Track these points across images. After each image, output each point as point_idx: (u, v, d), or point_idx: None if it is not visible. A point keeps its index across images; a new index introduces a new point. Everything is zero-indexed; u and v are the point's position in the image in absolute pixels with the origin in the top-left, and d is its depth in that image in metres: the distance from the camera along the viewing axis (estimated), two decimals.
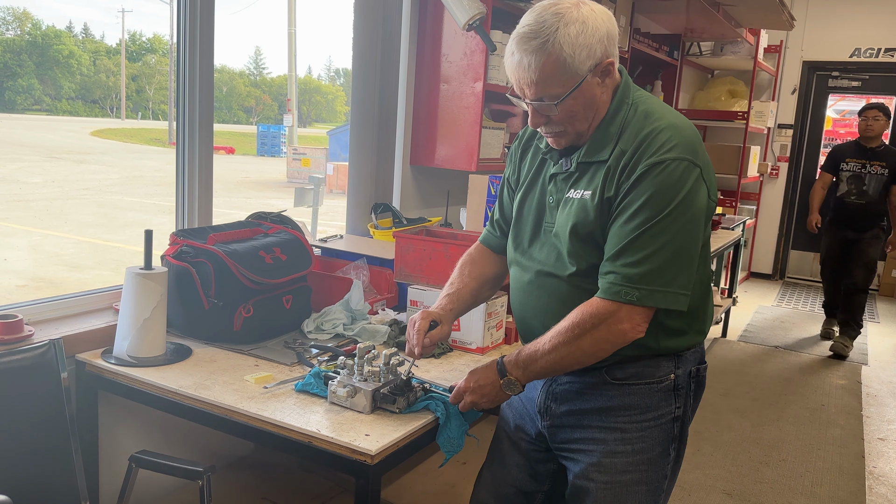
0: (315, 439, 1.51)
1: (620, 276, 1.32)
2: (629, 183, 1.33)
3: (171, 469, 1.69)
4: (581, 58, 1.30)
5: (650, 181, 1.31)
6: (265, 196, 14.42)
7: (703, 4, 4.42)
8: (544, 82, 1.32)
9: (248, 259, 2.04)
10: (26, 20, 40.63)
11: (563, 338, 1.36)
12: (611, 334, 1.34)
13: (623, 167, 1.35)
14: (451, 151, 3.08)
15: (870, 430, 3.82)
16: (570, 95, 1.33)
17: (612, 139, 1.38)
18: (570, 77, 1.32)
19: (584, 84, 1.33)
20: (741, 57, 6.38)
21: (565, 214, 1.42)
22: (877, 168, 5.10)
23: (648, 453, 1.47)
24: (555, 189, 1.47)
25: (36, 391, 1.64)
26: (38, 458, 1.61)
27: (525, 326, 1.57)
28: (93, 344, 1.94)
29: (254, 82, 52.80)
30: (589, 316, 1.34)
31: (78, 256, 8.22)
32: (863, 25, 6.94)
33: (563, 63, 1.30)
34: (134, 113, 42.05)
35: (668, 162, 1.31)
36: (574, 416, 1.51)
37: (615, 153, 1.37)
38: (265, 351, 1.99)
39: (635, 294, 1.31)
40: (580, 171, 1.42)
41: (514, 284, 1.57)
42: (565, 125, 1.39)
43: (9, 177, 14.20)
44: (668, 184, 1.31)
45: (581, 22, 1.30)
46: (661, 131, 1.34)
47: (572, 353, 1.36)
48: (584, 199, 1.39)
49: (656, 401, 1.46)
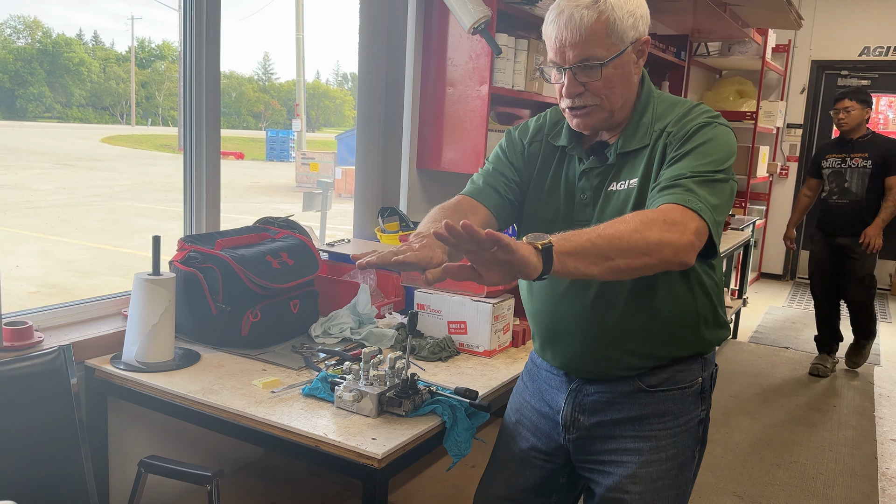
0: (322, 443, 1.52)
1: (688, 189, 1.26)
2: (684, 136, 1.33)
3: (179, 474, 1.69)
4: (628, 24, 1.32)
5: (704, 132, 1.33)
6: (274, 201, 14.47)
7: (710, 5, 4.41)
8: (591, 41, 1.30)
9: (256, 264, 2.05)
10: (37, 28, 40.99)
11: (628, 225, 1.19)
12: (677, 240, 1.19)
13: (671, 135, 1.35)
14: (457, 155, 3.08)
15: (882, 431, 3.79)
16: (612, 61, 1.32)
17: (647, 126, 1.39)
18: (616, 42, 1.32)
19: (625, 55, 1.33)
20: (749, 57, 6.35)
21: (612, 207, 1.38)
22: (857, 161, 4.43)
23: (679, 458, 1.46)
24: (588, 185, 1.42)
25: (46, 397, 1.65)
26: (48, 464, 1.62)
27: (554, 335, 1.49)
28: (102, 350, 1.95)
29: (262, 87, 53.04)
30: (666, 210, 1.23)
31: (89, 263, 8.27)
32: (871, 24, 6.90)
33: (612, 25, 1.30)
34: (144, 119, 42.33)
35: (716, 122, 1.35)
36: (605, 427, 1.46)
37: (658, 132, 1.37)
38: (273, 355, 2.00)
39: (709, 215, 1.24)
40: (619, 163, 1.40)
41: (545, 294, 1.48)
42: (602, 97, 1.35)
43: (20, 184, 14.31)
44: (721, 138, 1.34)
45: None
46: (697, 105, 1.40)
47: (630, 237, 1.16)
48: (631, 187, 1.37)
49: (686, 405, 1.46)
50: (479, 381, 1.87)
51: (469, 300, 2.09)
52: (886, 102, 7.52)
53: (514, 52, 3.07)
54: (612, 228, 1.18)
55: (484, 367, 1.99)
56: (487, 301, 2.07)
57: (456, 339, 2.11)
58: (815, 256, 4.70)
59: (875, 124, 7.60)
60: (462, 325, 2.11)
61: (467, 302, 2.09)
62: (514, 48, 3.07)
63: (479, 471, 1.73)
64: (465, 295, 2.11)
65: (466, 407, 1.65)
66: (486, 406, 1.65)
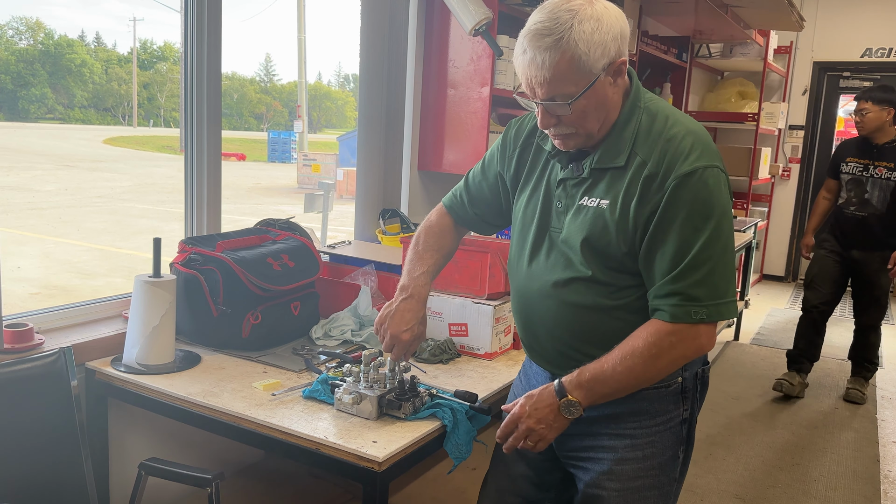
0: (322, 446, 1.51)
1: (685, 296, 1.30)
2: (663, 197, 1.29)
3: (180, 476, 1.69)
4: (595, 56, 1.27)
5: (687, 193, 1.28)
6: (276, 202, 14.48)
7: (711, 6, 4.41)
8: (558, 81, 1.28)
9: (256, 266, 2.05)
10: (39, 30, 41.07)
11: (638, 359, 1.32)
12: (689, 351, 1.34)
13: (650, 178, 1.31)
14: (458, 156, 3.08)
15: (884, 433, 3.78)
16: (583, 95, 1.29)
17: (626, 144, 1.35)
18: (584, 76, 1.28)
19: (598, 83, 1.30)
20: (751, 58, 6.35)
21: (578, 222, 1.39)
22: (882, 170, 3.89)
23: (659, 458, 1.46)
24: (564, 194, 1.42)
25: (46, 399, 1.65)
26: (49, 466, 1.62)
27: (530, 335, 1.53)
28: (102, 352, 1.95)
29: (264, 89, 53.10)
30: (666, 335, 1.31)
31: (90, 264, 8.27)
32: (873, 25, 6.89)
33: (577, 61, 1.26)
34: (146, 120, 42.38)
35: (700, 171, 1.29)
36: (582, 423, 1.47)
37: (636, 162, 1.33)
38: (273, 358, 2.00)
39: (704, 312, 1.30)
40: (594, 178, 1.38)
41: (520, 294, 1.52)
42: (576, 126, 1.34)
43: (22, 185, 14.33)
44: (706, 194, 1.29)
45: (596, 19, 1.26)
46: (683, 138, 1.32)
47: (647, 373, 1.35)
48: (600, 208, 1.36)
49: (665, 405, 1.45)
50: (480, 384, 1.87)
51: (470, 302, 2.09)
52: None
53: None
54: (629, 374, 1.33)
55: (485, 370, 1.99)
56: (489, 303, 2.06)
57: (457, 342, 2.10)
58: (823, 263, 4.15)
59: None
60: (463, 327, 2.10)
61: (468, 304, 2.09)
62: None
63: (481, 473, 1.73)
64: (466, 297, 2.11)
65: (467, 410, 1.65)
66: (486, 409, 1.65)
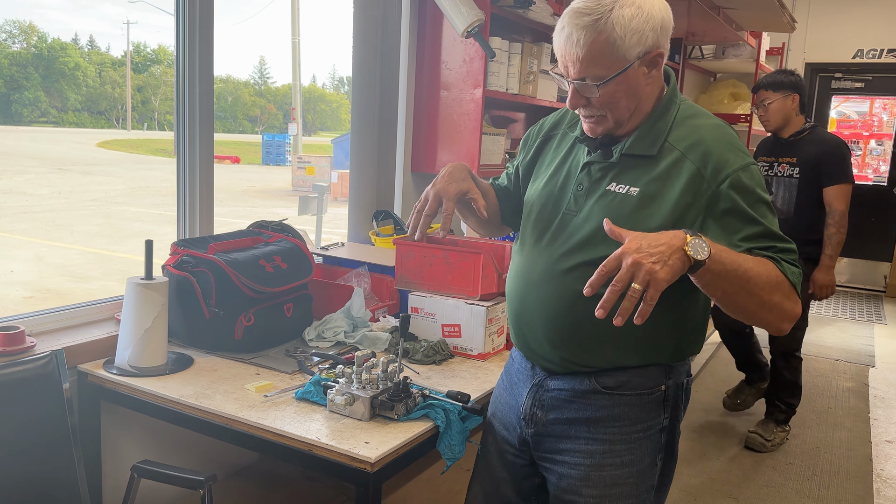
0: (315, 447, 1.52)
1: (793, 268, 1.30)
2: (714, 194, 1.31)
3: (172, 478, 1.69)
4: (631, 42, 1.28)
5: (739, 190, 1.31)
6: (270, 205, 14.47)
7: (704, 8, 4.42)
8: (590, 61, 1.29)
9: (249, 268, 2.05)
10: (32, 33, 40.97)
11: (763, 276, 1.25)
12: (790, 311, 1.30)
13: (697, 174, 1.32)
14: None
15: (877, 432, 3.79)
16: (613, 80, 1.30)
17: (660, 135, 1.37)
18: (617, 60, 1.29)
19: (630, 71, 1.31)
20: (743, 60, 6.37)
21: (603, 207, 1.37)
22: (784, 167, 3.46)
23: (637, 465, 1.45)
24: (587, 178, 1.42)
25: (38, 402, 1.65)
26: (41, 469, 1.62)
27: (521, 321, 1.50)
28: (95, 354, 1.94)
29: (259, 92, 53.02)
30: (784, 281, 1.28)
31: (84, 267, 8.25)
32: (865, 27, 6.93)
33: (612, 44, 1.28)
34: (139, 124, 42.28)
35: (744, 167, 1.32)
36: (561, 425, 1.47)
37: (674, 156, 1.34)
38: (266, 359, 2.00)
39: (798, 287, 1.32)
40: (623, 165, 1.38)
41: (520, 276, 1.50)
42: (605, 110, 1.35)
43: (15, 189, 14.29)
44: (753, 188, 1.32)
45: (637, 6, 1.28)
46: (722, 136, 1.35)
47: (761, 290, 1.25)
48: (630, 195, 1.36)
49: (646, 412, 1.44)
50: (473, 384, 1.87)
51: (463, 303, 2.09)
52: (881, 105, 7.54)
53: (507, 55, 3.08)
54: (760, 267, 1.25)
55: (478, 370, 1.99)
56: (482, 304, 2.07)
57: (450, 343, 2.11)
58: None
59: (869, 127, 7.63)
60: (456, 328, 2.11)
61: (461, 305, 2.09)
62: (508, 51, 3.07)
63: None
64: (459, 298, 2.11)
65: (459, 410, 1.65)
66: (478, 409, 1.65)
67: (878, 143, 7.62)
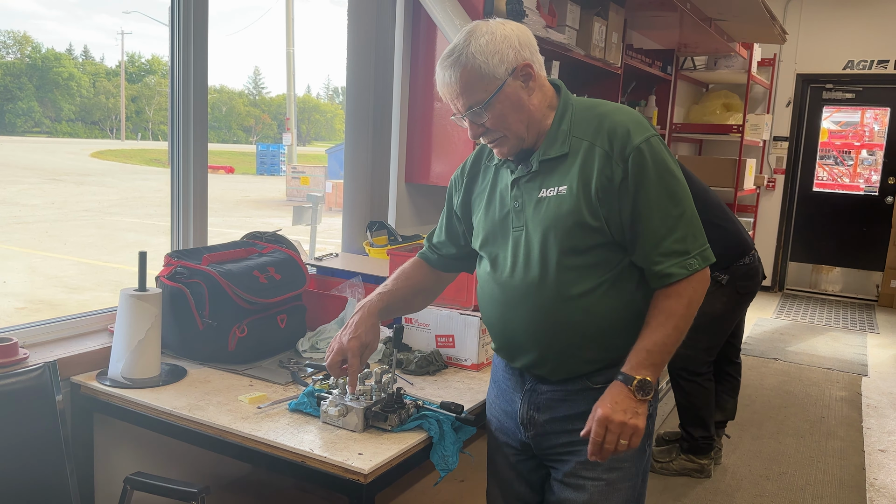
0: (308, 459, 1.51)
1: (679, 253, 1.42)
2: (627, 171, 1.40)
3: (166, 490, 1.69)
4: (494, 63, 1.41)
5: (644, 164, 1.40)
6: (265, 215, 14.45)
7: (695, 20, 4.46)
8: (468, 91, 1.42)
9: (243, 279, 2.05)
10: (26, 43, 40.90)
11: (681, 319, 1.44)
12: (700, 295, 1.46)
13: (606, 155, 1.42)
14: (445, 168, 3.09)
15: (870, 441, 3.80)
16: (494, 99, 1.42)
17: (566, 134, 1.47)
18: (490, 82, 1.41)
19: (506, 87, 1.42)
20: (735, 71, 6.42)
21: (542, 213, 1.46)
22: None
23: (631, 450, 1.50)
24: (519, 193, 1.51)
25: (31, 414, 1.64)
26: (34, 481, 1.61)
27: (507, 338, 1.57)
28: (88, 366, 1.94)
29: (253, 102, 53.00)
30: (695, 287, 1.44)
31: (77, 278, 8.22)
32: (855, 38, 6.99)
33: (478, 70, 1.41)
34: (134, 134, 42.20)
35: (645, 140, 1.42)
36: (558, 422, 1.55)
37: (583, 147, 1.44)
38: (260, 371, 1.99)
39: (698, 262, 1.44)
40: (544, 170, 1.48)
41: (492, 298, 1.57)
42: (502, 130, 1.46)
43: (9, 199, 14.23)
44: (658, 159, 1.42)
45: (489, 33, 1.42)
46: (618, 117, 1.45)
47: (687, 324, 1.45)
48: (561, 195, 1.45)
49: None
50: (467, 395, 1.88)
51: (457, 314, 2.10)
52: (872, 115, 7.60)
53: None
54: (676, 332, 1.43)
55: (472, 381, 2.00)
56: (475, 315, 2.07)
57: (444, 353, 2.11)
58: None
59: (861, 137, 7.69)
60: (450, 338, 2.11)
61: (455, 315, 2.10)
62: None
63: (468, 485, 1.74)
64: (452, 309, 2.12)
65: (453, 421, 1.65)
66: (471, 420, 1.66)
67: (870, 153, 7.67)
